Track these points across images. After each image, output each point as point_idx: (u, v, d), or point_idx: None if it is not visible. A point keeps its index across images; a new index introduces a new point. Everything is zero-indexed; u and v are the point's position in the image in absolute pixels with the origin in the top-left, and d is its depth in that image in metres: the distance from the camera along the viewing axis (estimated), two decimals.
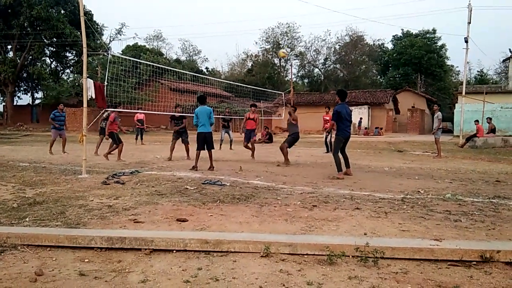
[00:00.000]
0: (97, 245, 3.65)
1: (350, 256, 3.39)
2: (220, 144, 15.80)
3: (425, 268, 3.24)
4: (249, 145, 12.18)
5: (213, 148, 9.39)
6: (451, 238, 3.89)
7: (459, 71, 58.10)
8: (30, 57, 38.66)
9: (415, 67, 47.75)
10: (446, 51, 51.39)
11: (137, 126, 18.60)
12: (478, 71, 56.60)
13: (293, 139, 10.44)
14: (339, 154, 8.39)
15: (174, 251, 3.57)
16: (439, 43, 50.62)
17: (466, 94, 21.89)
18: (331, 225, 4.43)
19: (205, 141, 9.19)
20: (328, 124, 14.12)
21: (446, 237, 3.87)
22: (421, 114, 36.33)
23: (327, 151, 14.06)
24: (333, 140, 9.48)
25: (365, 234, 4.07)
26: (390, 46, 55.52)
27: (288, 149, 10.51)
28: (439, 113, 12.92)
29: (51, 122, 13.49)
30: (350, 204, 5.54)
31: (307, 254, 3.46)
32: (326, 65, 58.32)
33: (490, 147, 17.77)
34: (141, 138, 18.62)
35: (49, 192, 6.30)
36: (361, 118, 33.75)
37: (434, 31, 50.89)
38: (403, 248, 3.44)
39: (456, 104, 30.73)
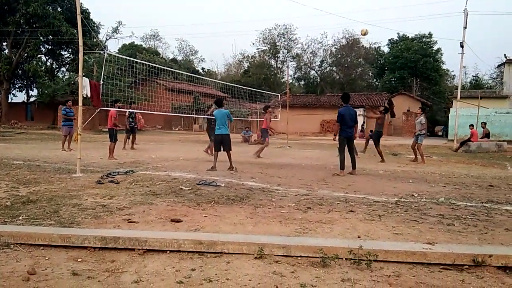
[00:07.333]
0: (90, 244, 3.64)
1: (344, 259, 3.41)
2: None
3: (417, 271, 3.26)
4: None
5: (230, 149, 9.47)
6: (444, 241, 3.93)
7: (454, 75, 58.18)
8: (26, 54, 38.28)
9: (411, 70, 47.84)
10: (442, 55, 51.44)
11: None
12: (473, 76, 56.80)
13: None
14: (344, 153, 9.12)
15: (168, 252, 3.57)
16: (435, 47, 50.74)
17: (461, 98, 22.03)
18: (325, 227, 4.45)
19: (222, 143, 9.35)
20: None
21: (439, 241, 3.90)
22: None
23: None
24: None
25: (358, 237, 4.09)
26: (386, 49, 55.66)
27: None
28: (422, 117, 12.59)
29: (63, 117, 14.07)
30: (344, 206, 5.56)
31: (300, 256, 3.47)
32: (323, 67, 58.38)
33: (484, 151, 17.87)
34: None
35: (43, 191, 6.27)
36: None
37: (430, 35, 51.02)
38: (396, 251, 3.46)
39: (451, 109, 30.84)
